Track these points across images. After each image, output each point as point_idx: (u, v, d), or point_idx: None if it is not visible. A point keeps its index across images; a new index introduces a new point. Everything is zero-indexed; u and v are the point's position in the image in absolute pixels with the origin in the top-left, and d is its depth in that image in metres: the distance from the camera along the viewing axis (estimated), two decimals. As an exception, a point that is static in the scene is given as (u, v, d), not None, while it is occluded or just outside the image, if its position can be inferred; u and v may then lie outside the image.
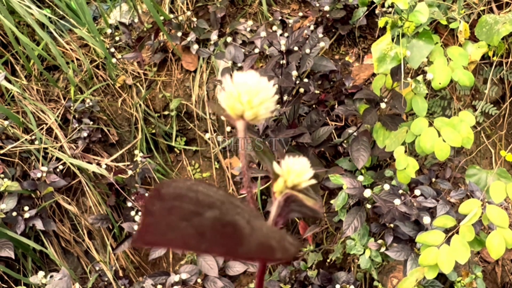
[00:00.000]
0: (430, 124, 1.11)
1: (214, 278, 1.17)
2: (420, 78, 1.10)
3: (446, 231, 0.99)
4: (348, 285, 1.19)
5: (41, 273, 0.93)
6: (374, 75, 1.42)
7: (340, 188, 1.15)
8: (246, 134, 0.30)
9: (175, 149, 1.58)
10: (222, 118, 1.48)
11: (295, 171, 0.32)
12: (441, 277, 1.12)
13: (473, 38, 1.18)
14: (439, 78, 1.07)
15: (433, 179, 1.20)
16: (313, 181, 0.32)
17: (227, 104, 0.29)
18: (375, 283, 1.22)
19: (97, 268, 1.29)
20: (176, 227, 0.22)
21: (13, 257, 1.14)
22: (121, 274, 1.38)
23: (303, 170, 0.32)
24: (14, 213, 1.22)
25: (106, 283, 1.27)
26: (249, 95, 0.29)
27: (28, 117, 1.43)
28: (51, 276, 0.87)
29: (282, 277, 1.26)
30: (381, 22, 1.12)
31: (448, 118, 1.11)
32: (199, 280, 1.17)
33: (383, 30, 1.27)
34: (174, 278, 1.13)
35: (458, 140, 1.06)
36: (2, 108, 1.36)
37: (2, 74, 1.10)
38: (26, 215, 1.22)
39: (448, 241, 0.97)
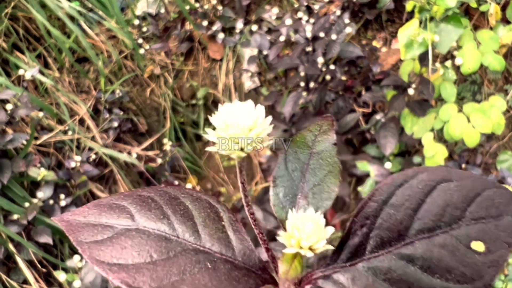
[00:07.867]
0: (459, 110, 1.08)
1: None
2: (448, 63, 1.08)
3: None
4: (376, 272, 1.19)
5: (76, 257, 0.97)
6: (402, 60, 1.40)
7: (368, 175, 1.14)
8: (244, 169, 0.31)
9: (203, 138, 1.61)
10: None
11: (305, 232, 0.27)
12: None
13: (505, 20, 1.14)
14: (468, 63, 1.04)
15: (463, 165, 1.18)
16: (330, 247, 0.28)
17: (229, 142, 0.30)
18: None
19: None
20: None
21: (51, 243, 1.19)
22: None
23: (316, 230, 0.27)
24: (51, 201, 1.27)
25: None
26: (251, 127, 0.30)
27: (61, 108, 1.48)
28: (87, 261, 0.91)
29: (310, 263, 1.27)
30: (408, 6, 1.10)
31: (478, 104, 1.09)
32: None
33: (411, 13, 1.25)
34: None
35: (488, 126, 1.04)
36: (37, 100, 1.41)
37: (36, 68, 1.15)
38: (62, 203, 1.27)
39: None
